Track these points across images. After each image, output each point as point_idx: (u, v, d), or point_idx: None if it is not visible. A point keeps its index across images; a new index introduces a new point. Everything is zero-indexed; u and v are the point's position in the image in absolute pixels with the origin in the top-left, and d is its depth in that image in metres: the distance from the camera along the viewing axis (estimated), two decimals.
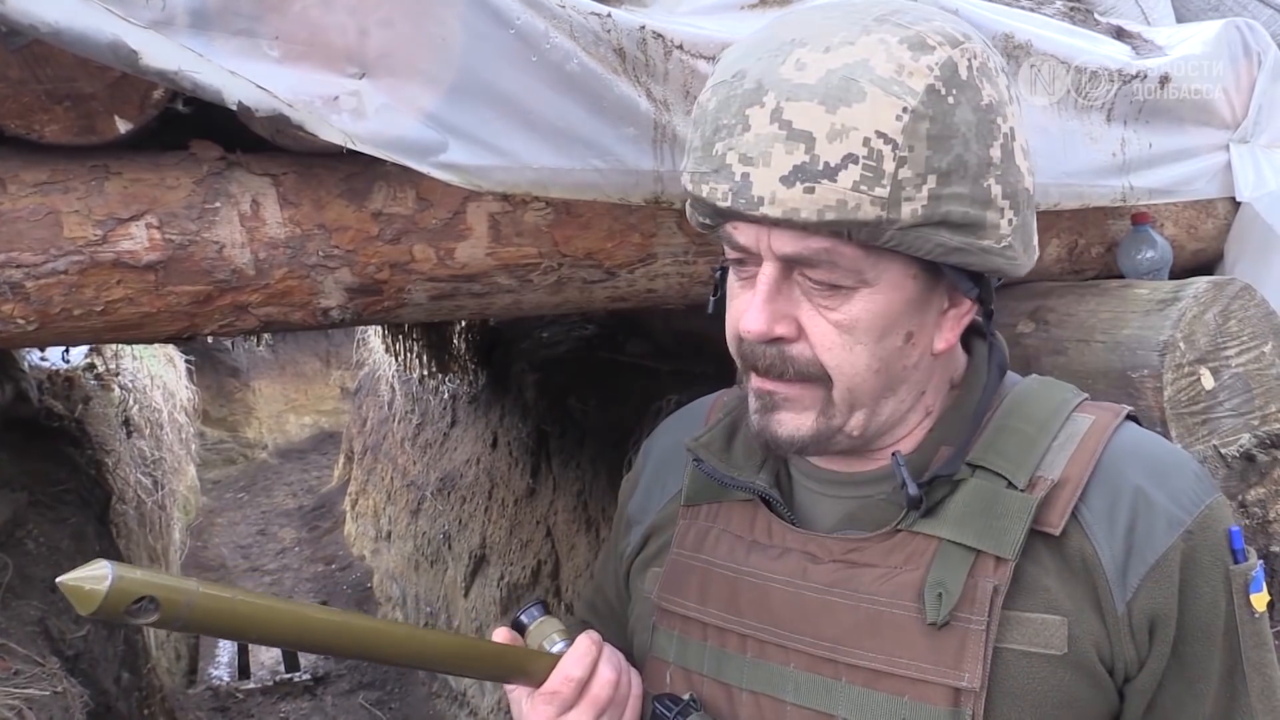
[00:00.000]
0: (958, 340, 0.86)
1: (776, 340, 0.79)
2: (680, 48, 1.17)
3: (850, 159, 0.70)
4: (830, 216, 0.71)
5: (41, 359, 3.52)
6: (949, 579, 0.78)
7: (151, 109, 1.01)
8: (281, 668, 5.48)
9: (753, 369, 0.83)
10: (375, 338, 6.73)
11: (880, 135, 0.70)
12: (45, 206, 1.00)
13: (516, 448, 4.15)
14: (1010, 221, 0.77)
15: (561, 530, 3.66)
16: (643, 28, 1.14)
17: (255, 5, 0.92)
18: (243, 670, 5.49)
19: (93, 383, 4.12)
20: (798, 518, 0.90)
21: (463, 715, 4.58)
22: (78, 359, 4.09)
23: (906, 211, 0.72)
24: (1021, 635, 0.77)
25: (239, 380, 10.82)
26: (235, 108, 0.92)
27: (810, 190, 0.71)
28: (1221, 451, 1.42)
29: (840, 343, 0.78)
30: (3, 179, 0.99)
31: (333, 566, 7.16)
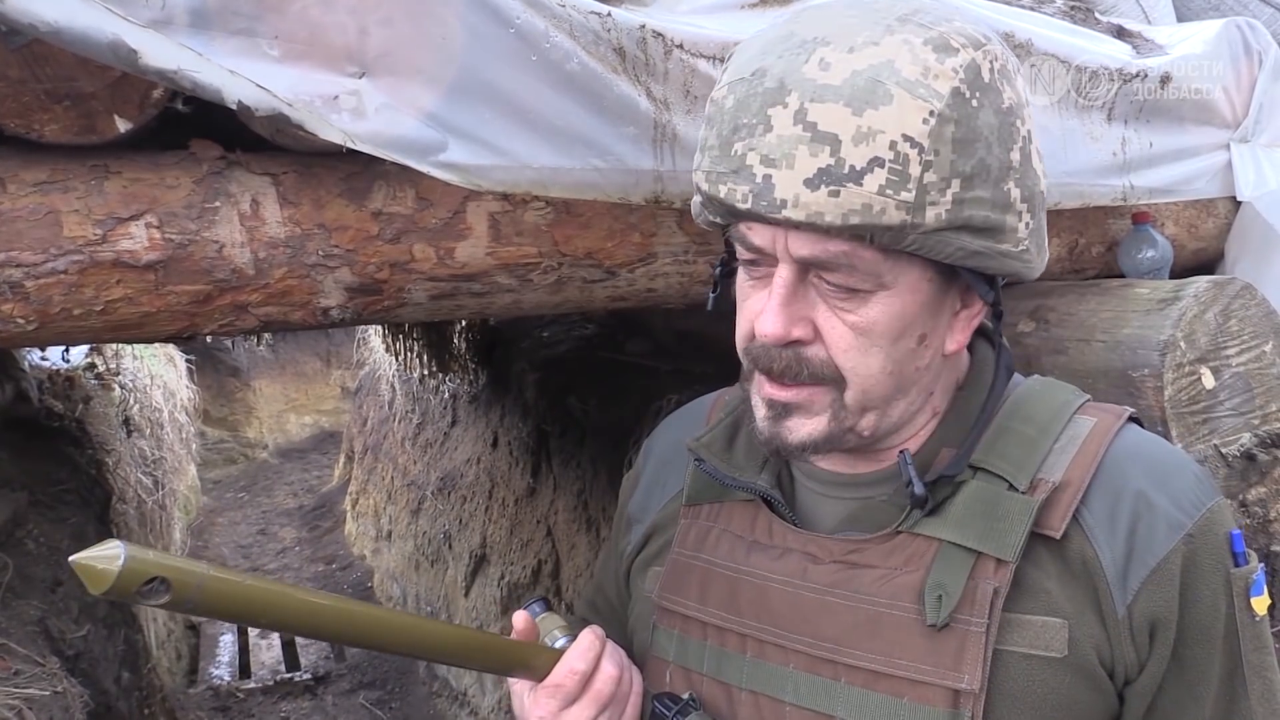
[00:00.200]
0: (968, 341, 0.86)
1: (792, 343, 0.78)
2: (680, 47, 1.16)
3: (876, 162, 0.70)
4: (855, 220, 0.71)
5: (41, 358, 3.52)
6: (949, 581, 0.78)
7: (151, 108, 1.01)
8: (282, 667, 5.47)
9: (765, 372, 0.81)
10: (376, 337, 6.72)
11: (906, 139, 0.70)
12: (45, 206, 1.00)
13: (517, 447, 4.14)
14: (1028, 225, 0.77)
15: (562, 530, 3.66)
16: (643, 27, 1.13)
17: (255, 5, 0.92)
18: (243, 670, 5.47)
19: (93, 382, 4.12)
20: (799, 518, 0.89)
21: (463, 714, 4.57)
22: (78, 359, 4.09)
23: (930, 216, 0.71)
24: (1022, 637, 0.77)
25: (239, 380, 10.82)
26: (235, 107, 0.92)
27: (835, 194, 0.70)
28: (1222, 451, 1.42)
29: (857, 345, 0.78)
30: (2, 178, 0.99)
31: (333, 566, 7.16)
